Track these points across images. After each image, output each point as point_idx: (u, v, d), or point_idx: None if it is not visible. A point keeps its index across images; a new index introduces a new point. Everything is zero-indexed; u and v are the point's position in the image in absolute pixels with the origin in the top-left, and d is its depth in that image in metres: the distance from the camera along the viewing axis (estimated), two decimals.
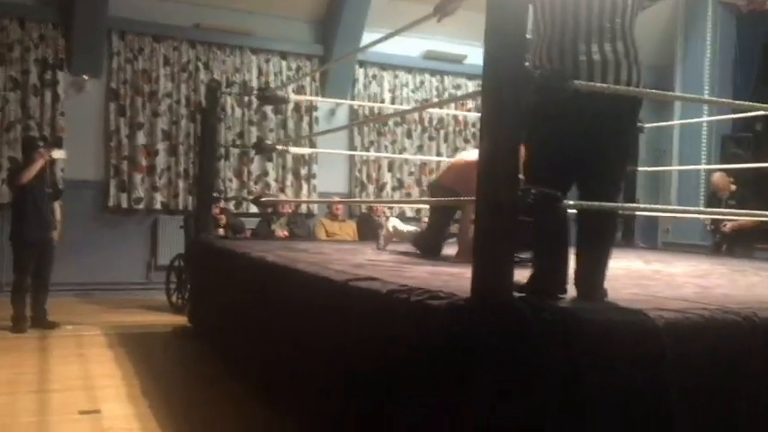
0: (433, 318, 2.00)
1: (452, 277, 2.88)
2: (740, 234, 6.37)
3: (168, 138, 7.62)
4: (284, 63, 8.11)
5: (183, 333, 5.20)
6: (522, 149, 2.28)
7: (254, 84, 7.93)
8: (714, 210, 5.74)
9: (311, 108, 8.24)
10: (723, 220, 6.25)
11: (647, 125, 6.17)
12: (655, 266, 4.23)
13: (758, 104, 4.07)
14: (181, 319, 5.60)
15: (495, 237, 1.92)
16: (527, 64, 2.20)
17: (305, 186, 8.13)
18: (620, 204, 2.44)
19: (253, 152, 7.36)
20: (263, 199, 5.06)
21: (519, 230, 1.98)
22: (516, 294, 1.95)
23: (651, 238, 8.72)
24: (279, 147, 5.53)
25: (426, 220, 7.84)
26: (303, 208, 8.08)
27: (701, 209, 6.53)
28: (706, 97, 8.02)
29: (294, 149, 5.38)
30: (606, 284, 2.44)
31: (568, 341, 1.82)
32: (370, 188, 8.49)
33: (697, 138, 8.32)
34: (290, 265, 3.23)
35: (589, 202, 2.35)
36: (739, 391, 2.03)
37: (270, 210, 7.15)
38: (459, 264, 3.80)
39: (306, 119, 8.22)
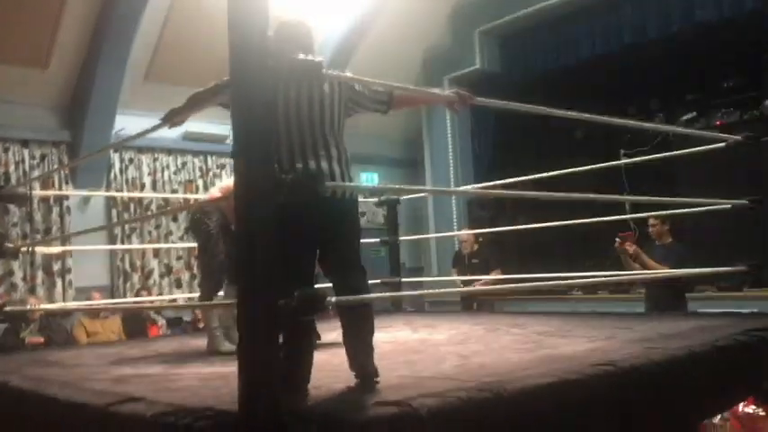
0: None
1: (224, 382, 2.78)
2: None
3: None
4: (26, 151, 7.44)
5: None
6: None
7: None
8: (464, 277, 6.30)
9: (61, 197, 7.62)
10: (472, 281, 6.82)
11: (404, 197, 6.65)
12: (421, 334, 4.48)
13: (490, 185, 4.57)
14: None
15: (258, 348, 1.90)
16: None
17: (59, 283, 7.42)
18: (372, 295, 2.67)
19: None
20: (6, 309, 4.49)
21: None
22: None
23: (417, 298, 9.27)
24: (23, 249, 4.99)
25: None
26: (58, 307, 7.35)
27: (453, 278, 7.14)
28: (452, 188, 8.91)
29: (42, 249, 4.88)
30: (377, 361, 2.62)
31: None
32: (135, 277, 7.99)
33: (448, 203, 9.11)
34: (40, 391, 2.88)
35: (347, 297, 2.48)
36: None
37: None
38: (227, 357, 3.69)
39: (56, 209, 7.57)
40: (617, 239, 5.15)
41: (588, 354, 3.03)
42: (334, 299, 2.33)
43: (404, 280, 6.65)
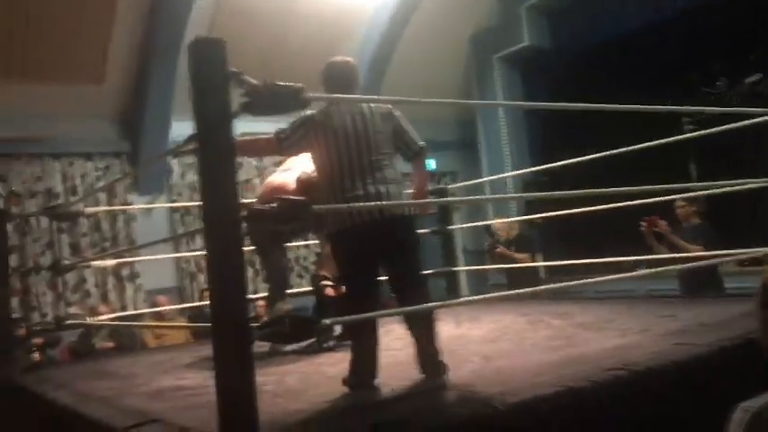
0: None
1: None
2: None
3: None
4: (90, 164, 7.80)
5: None
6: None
7: (60, 189, 7.58)
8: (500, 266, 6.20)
9: (126, 205, 7.96)
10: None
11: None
12: (461, 329, 4.47)
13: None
14: None
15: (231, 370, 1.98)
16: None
17: (128, 287, 7.79)
18: (432, 304, 3.05)
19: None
20: (68, 322, 4.76)
21: None
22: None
23: (481, 283, 9.20)
24: (78, 264, 5.24)
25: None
26: (129, 311, 7.70)
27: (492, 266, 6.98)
28: (505, 194, 8.81)
29: (98, 263, 5.11)
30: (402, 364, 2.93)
31: None
32: (201, 277, 8.26)
33: (503, 187, 8.94)
34: (77, 408, 3.05)
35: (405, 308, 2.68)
36: None
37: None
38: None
39: (122, 217, 7.92)
40: (642, 224, 5.06)
41: (611, 353, 2.95)
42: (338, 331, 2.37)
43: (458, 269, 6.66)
